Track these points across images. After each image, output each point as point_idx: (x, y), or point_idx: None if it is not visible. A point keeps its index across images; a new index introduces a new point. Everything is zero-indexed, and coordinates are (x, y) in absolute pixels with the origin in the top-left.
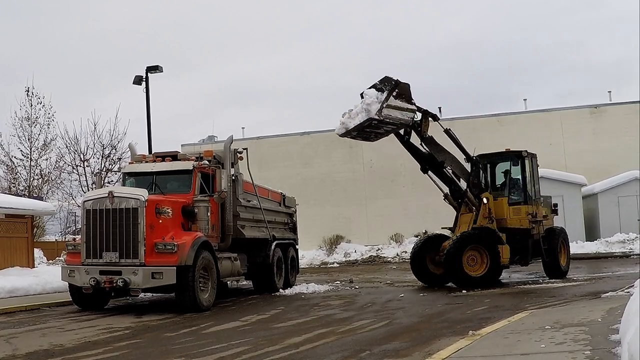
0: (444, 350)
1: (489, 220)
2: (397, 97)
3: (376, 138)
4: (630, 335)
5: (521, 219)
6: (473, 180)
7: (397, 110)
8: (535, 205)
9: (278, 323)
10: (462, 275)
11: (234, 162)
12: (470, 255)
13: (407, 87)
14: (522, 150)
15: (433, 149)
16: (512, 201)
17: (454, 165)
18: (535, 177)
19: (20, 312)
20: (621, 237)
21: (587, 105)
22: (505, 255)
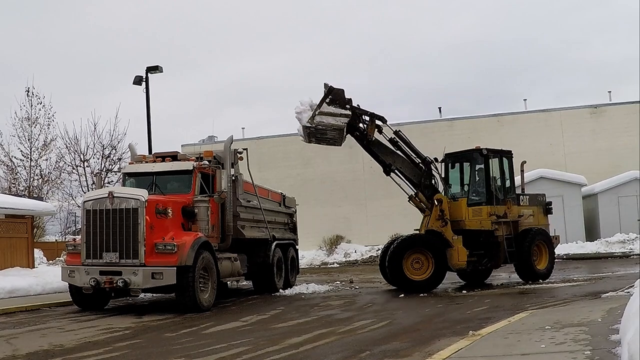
0: (444, 351)
1: (442, 223)
2: (331, 104)
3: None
4: (630, 335)
5: (482, 220)
6: (425, 182)
7: (330, 117)
8: (505, 205)
9: (278, 323)
10: (403, 279)
11: (234, 162)
12: (415, 259)
13: (341, 92)
14: (482, 148)
15: (380, 152)
16: (473, 202)
17: (404, 167)
18: (509, 175)
19: (21, 313)
20: (621, 237)
21: (587, 105)
22: (460, 258)
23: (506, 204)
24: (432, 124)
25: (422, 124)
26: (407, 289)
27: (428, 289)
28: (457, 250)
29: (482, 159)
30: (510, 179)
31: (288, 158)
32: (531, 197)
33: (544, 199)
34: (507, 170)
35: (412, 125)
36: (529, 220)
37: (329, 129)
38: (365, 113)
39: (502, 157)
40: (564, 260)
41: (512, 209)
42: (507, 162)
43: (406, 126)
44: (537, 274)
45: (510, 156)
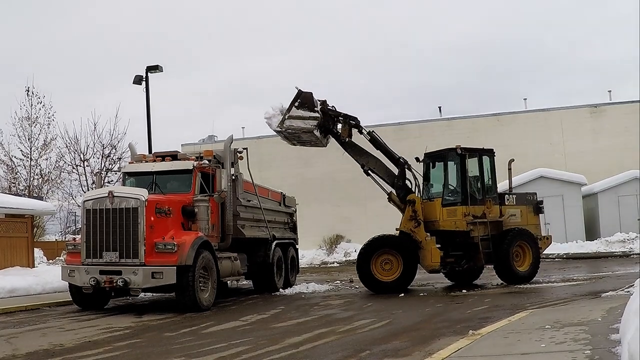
0: (444, 350)
1: (415, 223)
2: (300, 107)
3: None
4: (630, 334)
5: (457, 221)
6: (398, 182)
7: (299, 120)
8: (484, 205)
9: (278, 323)
10: (371, 280)
11: (234, 161)
12: (385, 260)
13: (309, 95)
14: (457, 148)
15: (353, 153)
16: (447, 202)
17: (377, 168)
18: (490, 174)
19: (21, 312)
20: (621, 237)
21: (587, 105)
22: (433, 259)
23: (485, 204)
24: (432, 124)
25: (422, 123)
26: (375, 289)
27: (397, 290)
28: (430, 251)
29: (458, 158)
30: (492, 179)
31: (288, 158)
32: (519, 196)
33: (534, 198)
34: (489, 170)
35: (412, 125)
36: (515, 220)
37: (300, 132)
38: (339, 114)
39: (481, 156)
40: (564, 259)
41: (493, 209)
42: (488, 161)
43: (406, 126)
44: (517, 276)
45: (492, 155)
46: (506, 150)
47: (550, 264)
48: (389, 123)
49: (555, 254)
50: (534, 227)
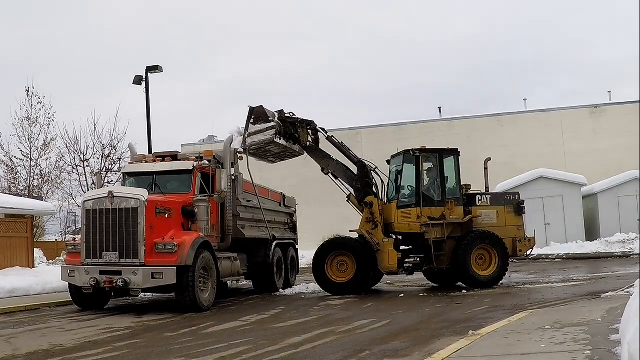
0: (444, 350)
1: (372, 225)
2: (256, 122)
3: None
4: (630, 335)
5: (410, 223)
6: (356, 184)
7: (259, 134)
8: (444, 207)
9: (278, 323)
10: (325, 280)
11: (234, 162)
12: (340, 261)
13: (260, 109)
14: (410, 149)
15: (314, 156)
16: (403, 204)
17: (337, 171)
18: (454, 175)
19: (21, 312)
20: (621, 237)
21: (587, 105)
22: (390, 261)
23: (445, 206)
24: (432, 124)
25: (422, 124)
26: (330, 290)
27: (350, 292)
28: (388, 253)
29: (413, 159)
30: (456, 179)
31: None
32: (495, 196)
33: (515, 198)
34: (453, 170)
35: (412, 125)
36: (489, 221)
37: (264, 145)
38: (296, 120)
39: (442, 157)
40: (564, 260)
41: (455, 210)
42: (452, 161)
43: (406, 126)
44: (476, 280)
45: (456, 155)
46: (506, 151)
47: (550, 265)
48: (389, 123)
49: (555, 255)
50: (515, 228)
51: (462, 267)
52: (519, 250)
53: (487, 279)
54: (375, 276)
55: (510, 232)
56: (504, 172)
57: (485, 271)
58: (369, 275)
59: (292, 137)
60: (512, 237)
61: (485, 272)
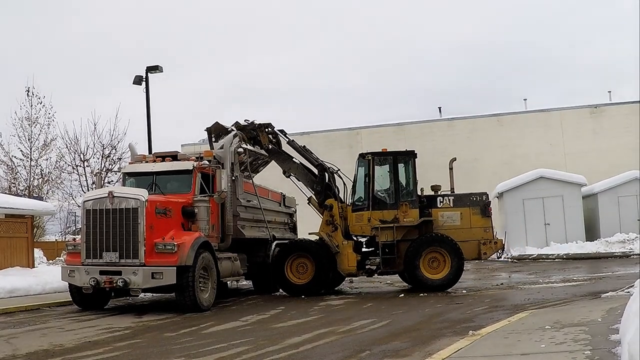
0: (444, 350)
1: (332, 228)
2: (218, 138)
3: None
4: (630, 335)
5: (362, 226)
6: (317, 187)
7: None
8: (398, 210)
9: (278, 323)
10: (285, 282)
11: (234, 162)
12: (300, 263)
13: (216, 125)
14: (364, 152)
15: (276, 159)
16: (357, 207)
17: (298, 173)
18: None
19: (21, 312)
20: (621, 237)
21: (587, 105)
22: (349, 263)
23: (399, 208)
24: (432, 124)
25: (422, 124)
26: (289, 291)
27: (309, 293)
28: (347, 255)
29: (365, 163)
30: (412, 182)
31: None
32: (458, 197)
33: (481, 199)
34: (409, 173)
35: (412, 125)
36: (452, 223)
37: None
38: (253, 124)
39: (396, 160)
40: (564, 260)
41: (409, 213)
42: (408, 164)
43: (406, 126)
44: (426, 283)
45: (412, 157)
46: (506, 151)
47: (550, 265)
48: (389, 123)
49: (555, 255)
50: (481, 230)
51: (411, 270)
52: (484, 253)
53: (438, 282)
54: (336, 277)
55: (476, 234)
56: (504, 172)
57: (438, 274)
58: (328, 277)
59: (256, 141)
60: (477, 239)
61: (436, 275)
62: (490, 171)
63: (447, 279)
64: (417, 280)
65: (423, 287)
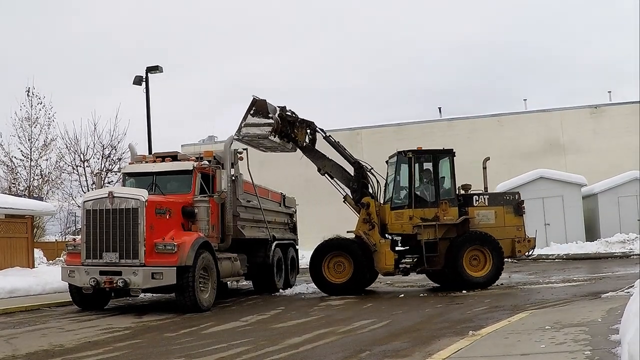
0: (444, 351)
1: (369, 226)
2: (255, 115)
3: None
4: (630, 335)
5: (403, 224)
6: (353, 185)
7: (255, 127)
8: (438, 208)
9: (278, 323)
10: (322, 281)
11: (234, 162)
12: (338, 262)
13: (263, 103)
14: (403, 150)
15: (310, 156)
16: (396, 205)
17: (334, 171)
18: (448, 176)
19: (21, 313)
20: (621, 237)
21: (587, 105)
22: (386, 262)
23: (439, 207)
24: (432, 124)
25: (422, 124)
26: (326, 290)
27: (347, 292)
28: (384, 254)
29: (406, 160)
30: (451, 180)
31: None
32: (493, 196)
33: (513, 198)
34: (448, 171)
35: (412, 126)
36: (487, 222)
37: (257, 138)
38: (296, 119)
39: (436, 158)
40: (564, 260)
41: (449, 211)
42: (447, 162)
43: (406, 126)
44: (469, 281)
45: (451, 156)
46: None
47: (550, 265)
48: (389, 123)
49: (555, 255)
50: (514, 229)
51: (454, 268)
52: (518, 251)
53: (480, 280)
54: (371, 277)
55: (509, 233)
56: (504, 172)
57: (479, 272)
58: (366, 276)
59: (287, 136)
60: (511, 237)
61: (478, 273)
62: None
63: (488, 277)
64: (460, 279)
65: (465, 285)
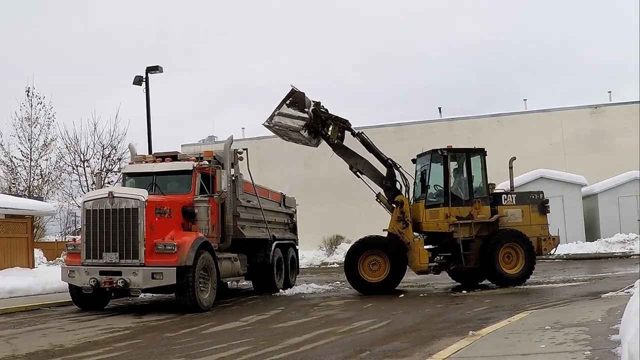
0: (444, 351)
1: (402, 224)
2: (291, 106)
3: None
4: (630, 335)
5: (438, 222)
6: (386, 183)
7: (287, 118)
8: (472, 206)
9: (278, 323)
10: (358, 280)
11: (234, 162)
12: (372, 260)
13: (301, 95)
14: (438, 149)
15: (342, 154)
16: (431, 203)
17: (366, 169)
18: (480, 174)
19: (21, 313)
20: (621, 237)
21: (587, 105)
22: (421, 260)
23: (473, 205)
24: (432, 124)
25: (422, 124)
26: (362, 290)
27: (383, 291)
28: (419, 252)
29: (440, 159)
30: (482, 178)
31: (288, 158)
32: (520, 195)
33: (539, 197)
34: (479, 169)
35: (412, 126)
36: (515, 220)
37: (287, 130)
38: (330, 117)
39: (469, 156)
40: (564, 260)
41: (482, 210)
42: (478, 161)
43: (406, 126)
44: (504, 278)
45: (483, 154)
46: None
47: (550, 265)
48: (389, 124)
49: (555, 255)
50: (539, 227)
51: (490, 265)
52: (544, 249)
53: (515, 276)
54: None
55: (535, 231)
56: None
57: (513, 269)
58: (402, 275)
59: (316, 132)
60: (536, 235)
61: (513, 270)
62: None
63: (522, 274)
64: (496, 275)
65: (500, 282)
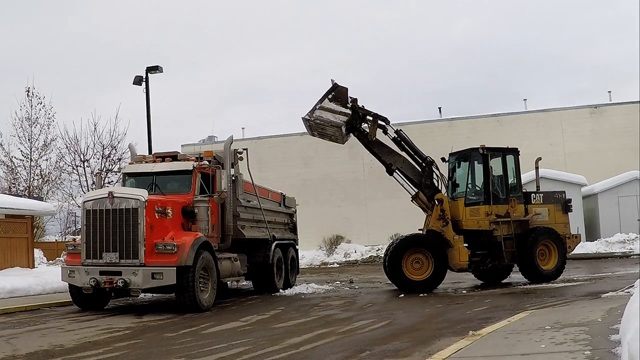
0: (444, 351)
1: (443, 222)
2: (333, 100)
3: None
4: (630, 335)
5: (479, 220)
6: (425, 181)
7: (329, 113)
8: (508, 205)
9: (278, 323)
10: (402, 278)
11: (234, 162)
12: (415, 259)
13: (344, 90)
14: (480, 147)
15: (380, 152)
16: (470, 201)
17: (405, 167)
18: (514, 173)
19: (21, 313)
20: (621, 237)
21: (587, 105)
22: (461, 258)
23: (509, 203)
24: (432, 124)
25: (422, 124)
26: (407, 289)
27: (428, 289)
28: (459, 250)
29: (480, 157)
30: (516, 177)
31: (288, 158)
32: (546, 194)
33: (562, 197)
34: (513, 169)
35: (412, 125)
36: (541, 218)
37: (327, 124)
38: (369, 113)
39: (505, 155)
40: None
41: (517, 208)
42: (512, 160)
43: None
44: (542, 274)
45: (516, 154)
46: None
47: None
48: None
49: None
50: (562, 226)
51: (529, 261)
52: (568, 247)
53: (549, 273)
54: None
55: (560, 230)
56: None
57: (547, 265)
58: (445, 273)
59: (355, 129)
60: (561, 234)
61: (547, 266)
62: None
63: (555, 269)
64: (534, 272)
65: (536, 278)
